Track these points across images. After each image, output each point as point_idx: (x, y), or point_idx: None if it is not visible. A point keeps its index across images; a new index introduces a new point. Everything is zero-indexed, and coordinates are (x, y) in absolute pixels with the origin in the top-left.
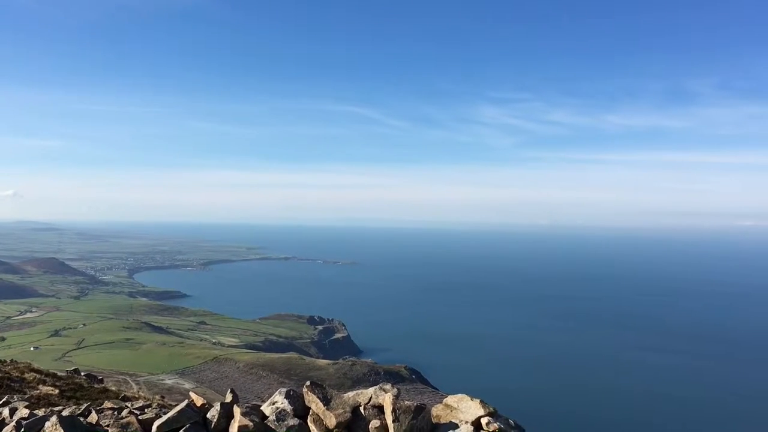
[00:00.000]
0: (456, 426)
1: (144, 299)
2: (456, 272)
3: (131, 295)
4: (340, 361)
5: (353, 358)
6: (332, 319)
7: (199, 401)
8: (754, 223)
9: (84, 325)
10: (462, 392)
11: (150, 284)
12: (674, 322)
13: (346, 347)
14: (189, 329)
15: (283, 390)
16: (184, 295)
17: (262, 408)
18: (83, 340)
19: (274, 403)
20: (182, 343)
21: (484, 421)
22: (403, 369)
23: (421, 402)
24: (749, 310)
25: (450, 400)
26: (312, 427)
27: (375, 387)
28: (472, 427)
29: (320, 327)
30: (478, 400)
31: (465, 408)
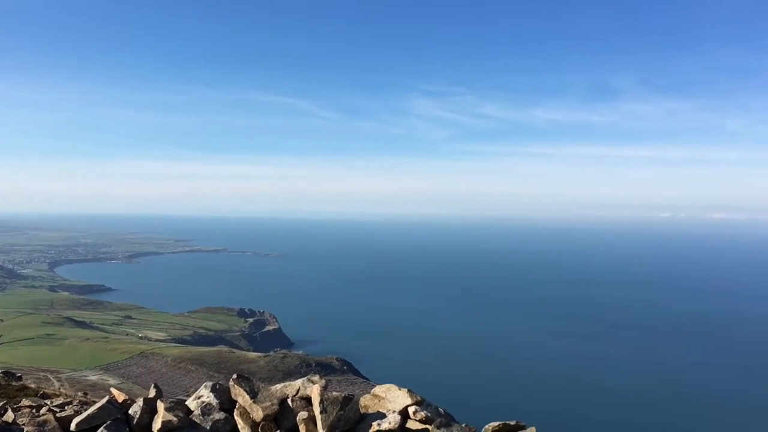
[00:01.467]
0: (384, 415)
1: (66, 293)
2: (387, 263)
3: (52, 289)
4: (271, 353)
5: (284, 351)
6: (263, 312)
7: (120, 397)
8: (672, 215)
9: (1, 320)
10: (393, 382)
11: (72, 278)
12: (595, 311)
13: (278, 339)
14: (114, 324)
15: (209, 384)
16: (109, 289)
17: (187, 403)
18: (0, 336)
19: (199, 398)
20: (107, 338)
21: (411, 410)
22: (334, 360)
23: (352, 392)
24: (665, 299)
25: (378, 390)
26: (238, 420)
27: (303, 378)
28: (399, 416)
29: (251, 319)
30: (406, 390)
31: (393, 397)
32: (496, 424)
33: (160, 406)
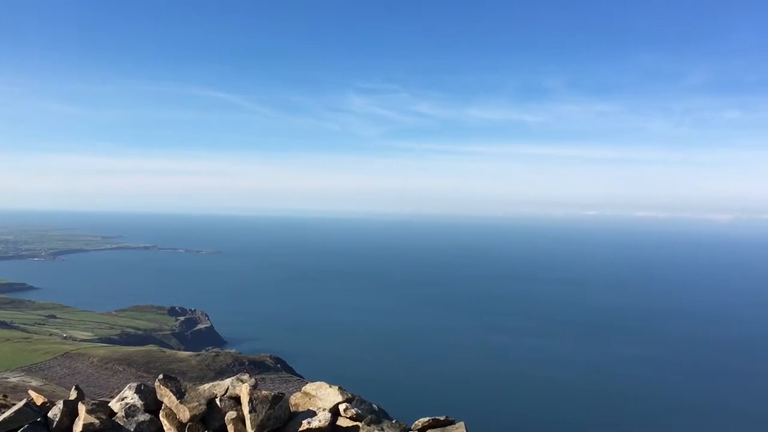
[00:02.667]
0: (314, 413)
1: None
2: (322, 260)
3: None
4: (203, 352)
5: (217, 349)
6: (195, 310)
7: (39, 399)
8: (598, 213)
9: None
10: (329, 380)
11: None
12: (527, 306)
13: (210, 338)
14: (37, 323)
15: (134, 384)
16: (31, 288)
17: (110, 404)
18: None
19: (123, 399)
20: (29, 338)
21: (342, 407)
22: (268, 358)
23: (286, 391)
24: (591, 295)
25: (308, 387)
26: (164, 421)
27: (232, 378)
28: (329, 414)
29: (182, 318)
30: (337, 387)
31: (323, 395)
32: (425, 419)
33: (82, 408)
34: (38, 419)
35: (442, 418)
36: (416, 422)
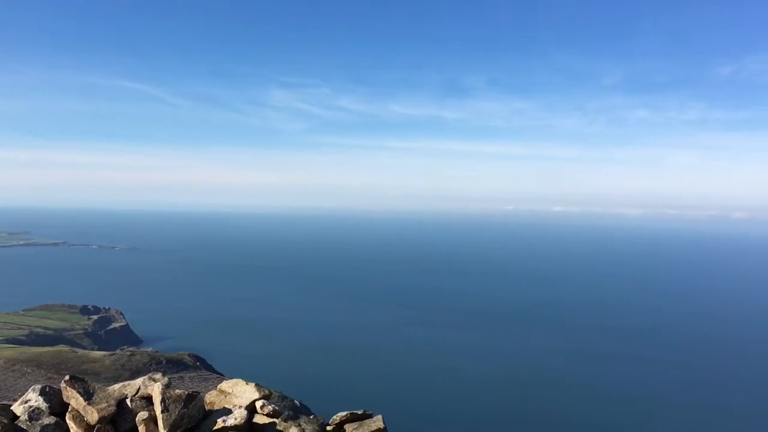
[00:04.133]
0: (230, 411)
1: None
2: (242, 256)
3: None
4: (118, 351)
5: (132, 348)
6: (108, 308)
7: None
8: (515, 208)
9: None
10: (250, 376)
11: None
12: (445, 300)
13: (125, 337)
14: None
15: (38, 386)
16: None
17: (12, 408)
18: None
19: (26, 402)
20: None
21: (258, 404)
22: (186, 356)
23: (206, 389)
24: (507, 287)
25: (224, 385)
26: (71, 424)
27: (143, 377)
28: (245, 412)
29: (95, 317)
30: (254, 384)
31: (239, 392)
32: (343, 414)
33: None
34: None
35: (359, 412)
36: (334, 417)
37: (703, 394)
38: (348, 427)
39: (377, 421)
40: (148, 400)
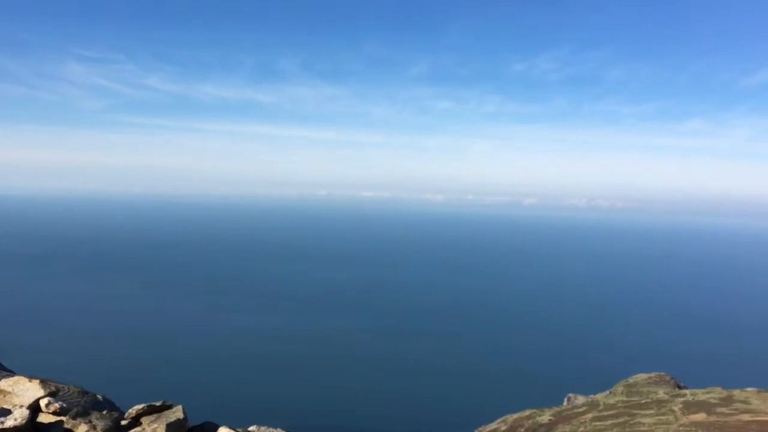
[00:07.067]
0: (9, 412)
1: None
2: (34, 243)
3: None
4: None
5: None
6: None
7: None
8: (328, 193)
9: None
10: (49, 372)
11: None
12: (256, 284)
13: None
14: None
15: None
16: None
17: None
18: None
19: None
20: None
21: (43, 402)
22: None
23: None
24: (317, 270)
25: (3, 384)
26: None
27: None
28: (28, 411)
29: None
30: (38, 381)
31: (21, 391)
32: (140, 406)
33: None
34: None
35: (158, 404)
36: (130, 410)
37: (500, 362)
38: (145, 420)
39: (177, 412)
40: None
